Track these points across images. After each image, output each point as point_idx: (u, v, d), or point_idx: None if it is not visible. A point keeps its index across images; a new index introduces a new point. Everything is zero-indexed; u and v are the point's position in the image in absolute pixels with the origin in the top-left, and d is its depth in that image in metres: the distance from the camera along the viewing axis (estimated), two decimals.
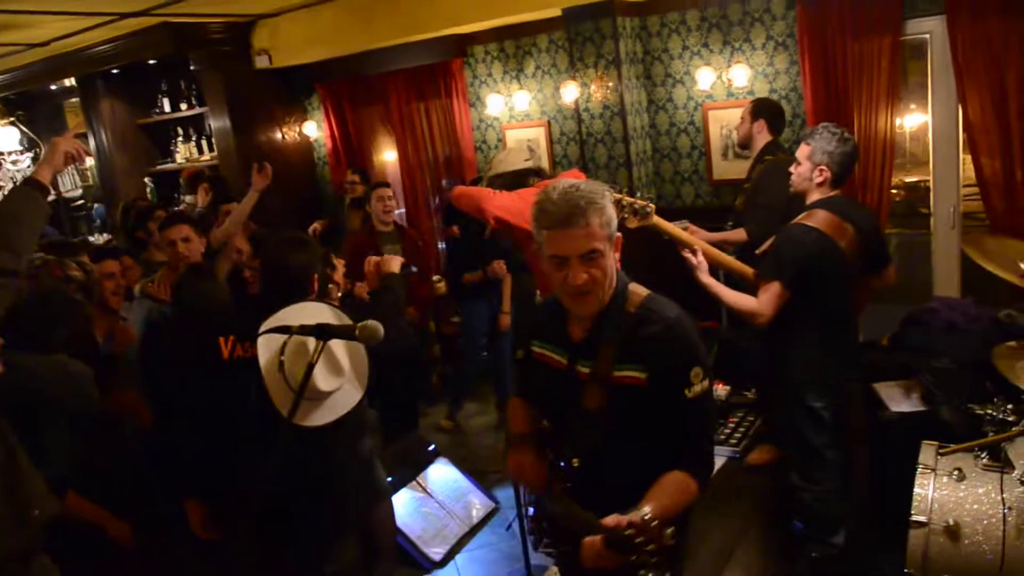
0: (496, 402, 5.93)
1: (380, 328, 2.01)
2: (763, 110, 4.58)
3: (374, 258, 3.39)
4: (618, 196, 3.22)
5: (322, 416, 2.61)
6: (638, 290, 2.15)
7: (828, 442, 3.37)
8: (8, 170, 6.62)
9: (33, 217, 2.53)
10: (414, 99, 6.95)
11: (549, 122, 6.32)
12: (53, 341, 2.95)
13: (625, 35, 5.56)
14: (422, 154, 7.07)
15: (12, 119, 7.30)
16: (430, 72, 6.72)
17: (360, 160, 7.47)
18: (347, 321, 2.55)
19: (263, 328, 2.57)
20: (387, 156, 7.67)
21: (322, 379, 2.52)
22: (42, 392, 2.82)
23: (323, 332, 2.04)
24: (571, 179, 2.14)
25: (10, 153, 6.94)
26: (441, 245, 7.12)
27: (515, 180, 4.10)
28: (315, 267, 2.97)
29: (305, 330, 2.10)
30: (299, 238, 3.07)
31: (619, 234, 2.09)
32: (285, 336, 2.46)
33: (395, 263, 3.35)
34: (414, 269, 3.43)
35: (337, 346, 2.58)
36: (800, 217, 3.34)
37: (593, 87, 5.60)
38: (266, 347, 2.59)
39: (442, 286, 6.47)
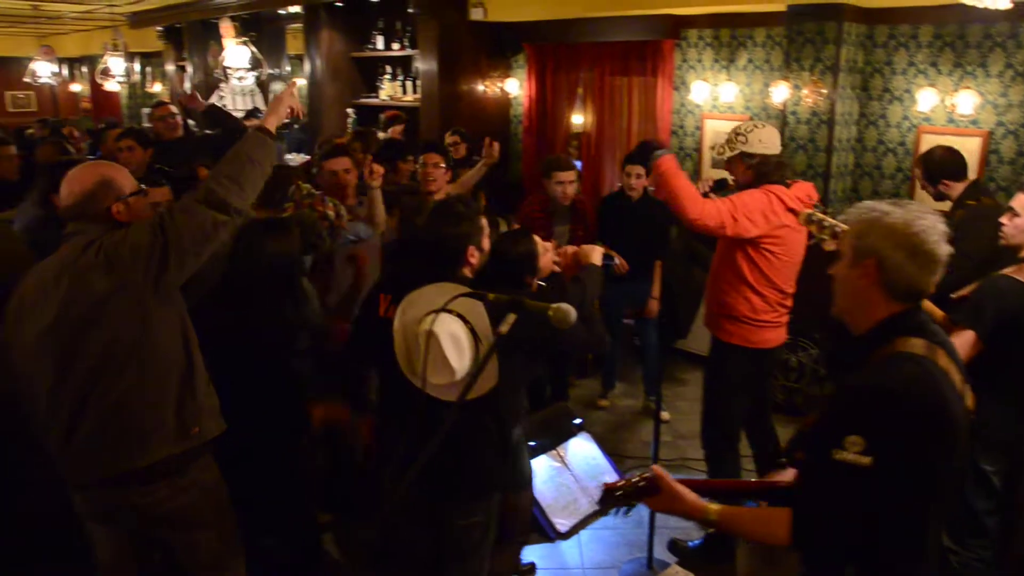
0: (644, 389, 5.94)
1: (573, 312, 2.02)
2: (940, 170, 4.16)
3: (570, 248, 3.30)
4: (819, 216, 3.11)
5: (450, 393, 2.52)
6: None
7: (991, 508, 3.21)
8: (235, 85, 7.11)
9: (266, 161, 2.71)
10: (619, 73, 6.93)
11: (752, 118, 6.17)
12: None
13: (848, 42, 5.34)
14: (615, 129, 7.06)
15: (244, 39, 7.79)
16: (639, 49, 6.67)
17: (550, 125, 7.55)
18: (480, 307, 2.47)
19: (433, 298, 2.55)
20: (576, 126, 7.70)
21: (452, 358, 2.47)
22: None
23: (517, 306, 2.06)
24: (919, 210, 1.90)
25: (238, 69, 7.43)
26: None
27: (769, 170, 3.64)
28: (471, 240, 2.85)
29: (500, 302, 2.13)
30: (455, 209, 2.92)
31: None
32: (420, 317, 2.47)
33: (596, 254, 3.22)
34: (616, 261, 3.34)
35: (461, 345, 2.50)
36: (1009, 269, 3.15)
37: (805, 91, 5.42)
38: (400, 321, 2.58)
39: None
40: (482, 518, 2.93)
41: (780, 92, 5.55)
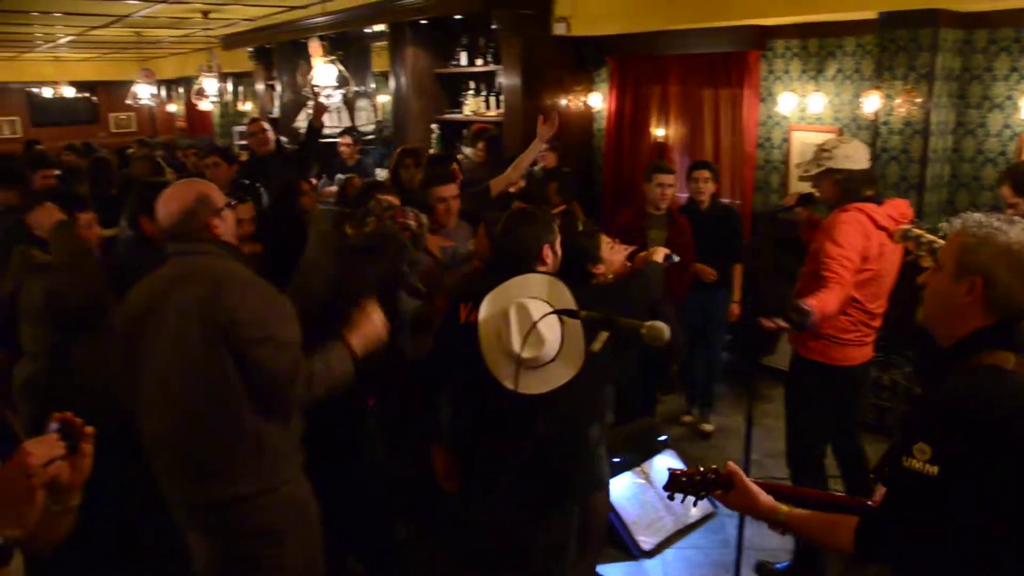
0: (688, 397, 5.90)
1: (666, 330, 2.01)
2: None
3: (621, 248, 3.34)
4: (916, 232, 3.00)
5: (535, 385, 2.58)
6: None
7: None
8: (323, 103, 7.26)
9: (341, 376, 2.70)
10: (704, 85, 6.86)
11: (841, 130, 6.01)
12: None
13: (944, 48, 5.16)
14: (700, 142, 6.98)
15: (332, 58, 8.01)
16: (724, 60, 6.59)
17: (633, 138, 7.51)
18: (568, 296, 2.54)
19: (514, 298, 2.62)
20: (659, 138, 7.63)
21: (544, 329, 2.52)
22: None
23: (609, 324, 2.07)
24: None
25: (325, 87, 7.64)
26: None
27: (856, 186, 3.55)
28: (545, 239, 2.95)
29: (591, 319, 2.13)
30: (530, 211, 3.08)
31: None
32: (507, 305, 2.53)
33: (659, 253, 3.28)
34: (675, 259, 3.35)
35: (550, 321, 2.54)
36: None
37: (897, 100, 5.25)
38: (486, 312, 2.64)
39: None
40: (560, 535, 2.94)
41: (871, 102, 5.39)
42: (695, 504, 2.25)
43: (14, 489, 1.50)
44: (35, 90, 18.07)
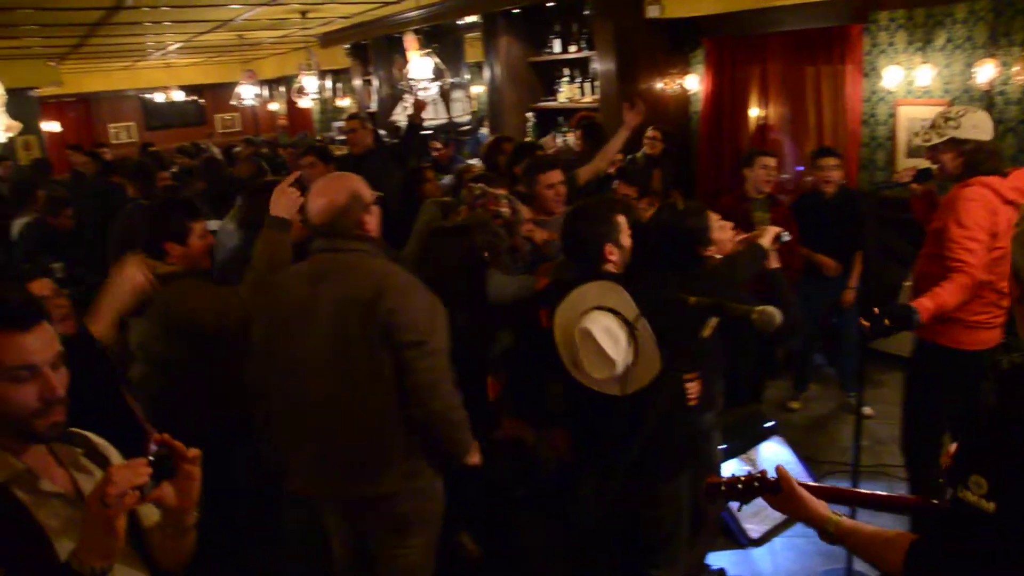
0: (841, 385, 5.69)
1: (778, 316, 1.97)
2: None
3: (729, 227, 3.28)
4: None
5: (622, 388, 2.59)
6: None
7: None
8: (419, 96, 7.40)
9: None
10: (803, 63, 6.66)
11: (952, 103, 5.75)
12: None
13: None
14: (801, 122, 6.79)
15: (429, 51, 8.12)
16: (824, 36, 6.38)
17: (731, 121, 7.36)
18: (626, 300, 2.52)
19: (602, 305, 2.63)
20: (757, 119, 7.46)
21: (609, 350, 2.52)
22: None
23: (719, 310, 2.04)
24: None
25: (421, 80, 7.75)
26: None
27: (984, 158, 3.33)
28: (606, 238, 2.90)
29: (702, 305, 2.11)
30: (587, 207, 3.03)
31: None
32: (571, 329, 2.52)
33: (769, 234, 3.19)
34: (787, 237, 3.26)
35: (614, 336, 2.55)
36: None
37: (1015, 68, 5.00)
38: (558, 334, 2.65)
39: None
40: (670, 512, 2.96)
41: (985, 71, 5.14)
42: (739, 508, 2.15)
43: (96, 519, 1.46)
44: (148, 96, 18.92)
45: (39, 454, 1.64)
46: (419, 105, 6.74)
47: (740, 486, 2.09)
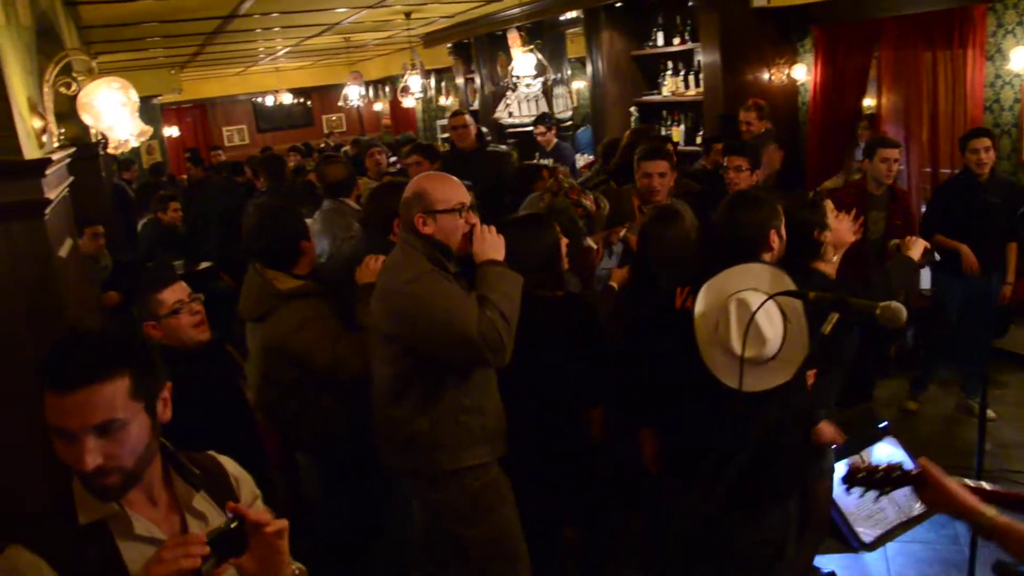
0: (962, 387, 5.44)
1: (903, 312, 1.87)
2: None
3: (845, 216, 3.20)
4: None
5: (752, 383, 2.45)
6: None
7: None
8: (522, 92, 7.41)
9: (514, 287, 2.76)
10: (920, 48, 6.36)
11: None
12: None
13: None
14: (917, 110, 6.49)
15: (532, 47, 8.13)
16: (944, 19, 6.07)
17: (841, 111, 7.11)
18: (791, 286, 2.39)
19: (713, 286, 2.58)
20: (869, 108, 7.19)
21: (765, 327, 2.42)
22: None
23: (841, 305, 1.95)
24: None
25: (525, 76, 7.77)
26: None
27: None
28: (771, 224, 2.76)
29: (822, 300, 2.03)
30: (753, 195, 2.94)
31: None
32: (725, 298, 2.45)
33: (917, 247, 3.10)
34: (936, 257, 3.17)
35: (773, 317, 2.45)
36: None
37: None
38: (704, 304, 2.57)
39: None
40: (776, 534, 2.82)
41: None
42: (876, 499, 2.08)
43: None
44: (258, 99, 19.61)
45: (143, 495, 1.57)
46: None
47: (879, 475, 2.05)
